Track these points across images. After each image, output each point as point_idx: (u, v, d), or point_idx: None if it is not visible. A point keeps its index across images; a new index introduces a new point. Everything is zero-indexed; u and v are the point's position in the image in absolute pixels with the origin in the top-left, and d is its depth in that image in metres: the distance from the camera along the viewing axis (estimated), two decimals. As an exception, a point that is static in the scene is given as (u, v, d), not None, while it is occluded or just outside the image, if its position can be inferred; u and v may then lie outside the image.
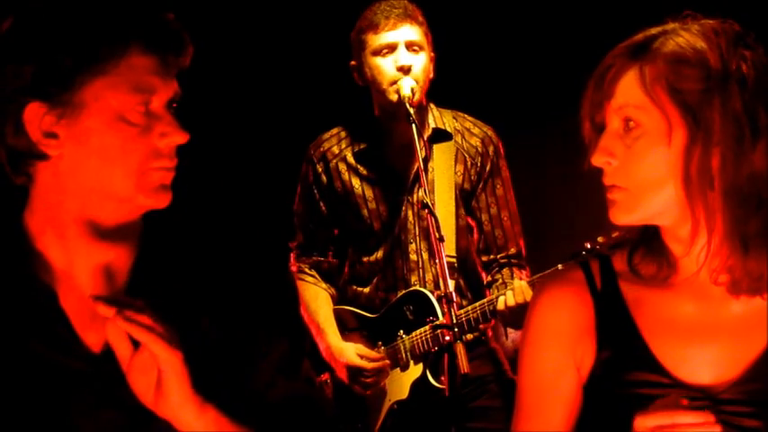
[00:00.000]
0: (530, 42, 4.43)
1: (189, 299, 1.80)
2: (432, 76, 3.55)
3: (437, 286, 3.47)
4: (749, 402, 1.74)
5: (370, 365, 3.58)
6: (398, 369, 3.61)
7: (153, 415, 1.69)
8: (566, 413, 1.83)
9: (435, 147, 3.60)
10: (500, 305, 3.40)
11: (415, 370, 3.58)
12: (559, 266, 3.30)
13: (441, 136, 3.62)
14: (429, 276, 3.58)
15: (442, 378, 3.35)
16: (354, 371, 3.59)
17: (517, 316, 3.34)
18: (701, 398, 1.74)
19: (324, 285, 3.74)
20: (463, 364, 2.99)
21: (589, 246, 3.28)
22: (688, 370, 1.77)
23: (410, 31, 3.49)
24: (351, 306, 3.72)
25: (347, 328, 3.70)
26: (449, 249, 3.46)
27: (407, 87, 3.42)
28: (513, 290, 3.39)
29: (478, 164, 3.62)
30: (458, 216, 3.60)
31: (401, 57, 3.46)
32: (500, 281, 3.60)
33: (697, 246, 1.76)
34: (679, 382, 1.76)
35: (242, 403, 1.78)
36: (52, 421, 1.75)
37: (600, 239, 3.24)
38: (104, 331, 1.71)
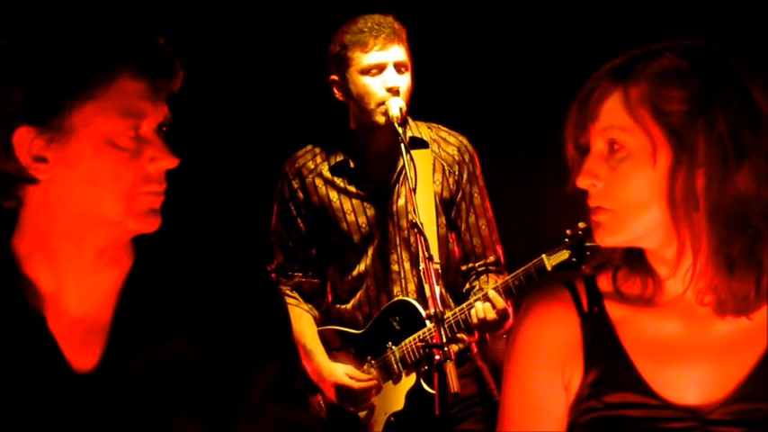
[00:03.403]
0: (512, 63, 4.42)
1: (178, 322, 1.81)
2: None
3: (420, 294, 3.49)
4: (737, 423, 1.74)
5: (357, 386, 3.56)
6: (391, 382, 3.60)
7: None
8: (554, 434, 1.83)
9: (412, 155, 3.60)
10: (473, 319, 3.42)
11: (408, 380, 3.57)
12: (543, 256, 3.34)
13: (417, 145, 3.61)
14: (411, 287, 3.58)
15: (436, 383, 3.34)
16: (342, 390, 3.57)
17: (492, 325, 3.40)
18: (689, 419, 1.74)
19: (306, 307, 3.71)
20: (453, 384, 2.98)
21: (570, 232, 3.31)
22: (675, 391, 1.76)
23: (399, 52, 3.49)
24: (335, 325, 3.70)
25: (333, 347, 3.68)
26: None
27: (396, 108, 3.42)
28: (483, 305, 3.41)
29: (456, 172, 3.63)
30: (438, 225, 3.60)
31: (390, 78, 3.47)
32: (477, 287, 3.61)
33: (682, 267, 1.76)
34: (666, 402, 1.76)
35: (231, 428, 1.79)
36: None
37: (581, 225, 3.27)
38: (92, 354, 1.72)
